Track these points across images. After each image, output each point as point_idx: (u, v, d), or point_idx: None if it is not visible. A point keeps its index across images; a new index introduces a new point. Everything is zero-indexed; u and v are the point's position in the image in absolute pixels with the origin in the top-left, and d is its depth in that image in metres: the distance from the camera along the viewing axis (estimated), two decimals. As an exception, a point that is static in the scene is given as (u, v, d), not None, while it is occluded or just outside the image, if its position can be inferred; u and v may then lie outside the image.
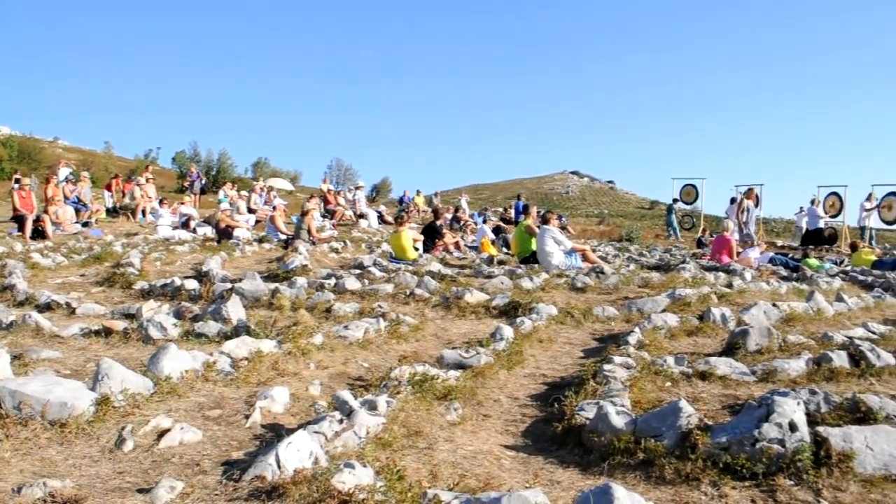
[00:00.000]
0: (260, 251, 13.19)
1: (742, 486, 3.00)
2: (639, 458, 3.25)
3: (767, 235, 30.04)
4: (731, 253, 13.77)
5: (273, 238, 15.02)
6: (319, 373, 4.72)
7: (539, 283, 8.59)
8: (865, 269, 13.82)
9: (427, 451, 3.39)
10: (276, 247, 13.79)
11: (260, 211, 20.70)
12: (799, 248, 21.30)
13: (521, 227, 12.22)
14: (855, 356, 5.12)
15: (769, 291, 8.85)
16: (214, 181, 34.99)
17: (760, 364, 4.96)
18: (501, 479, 3.09)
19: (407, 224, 13.07)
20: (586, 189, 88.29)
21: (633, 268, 11.22)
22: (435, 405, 4.01)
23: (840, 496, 2.90)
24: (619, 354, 5.12)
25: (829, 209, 23.96)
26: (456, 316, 7.07)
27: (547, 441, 3.76)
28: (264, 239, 15.07)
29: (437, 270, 9.77)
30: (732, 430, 3.23)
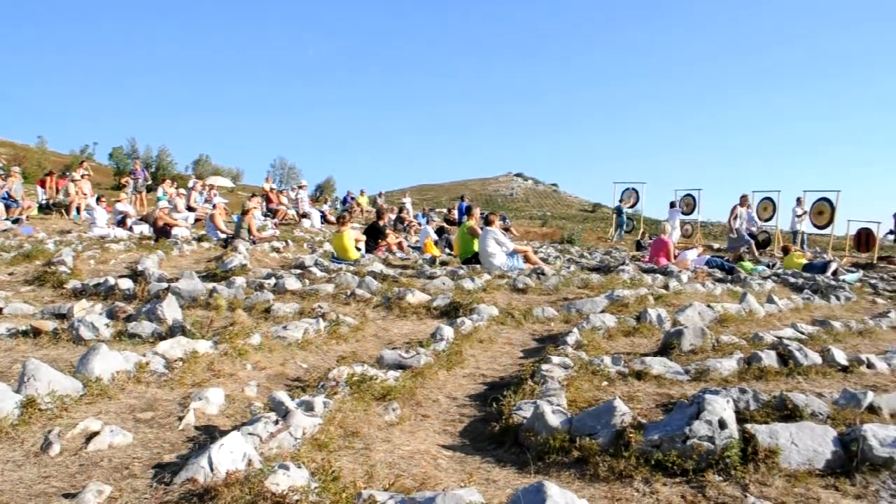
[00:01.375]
0: (199, 250, 12.94)
1: (673, 483, 3.07)
2: (574, 457, 3.30)
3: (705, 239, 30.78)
4: (669, 255, 14.06)
5: (213, 237, 14.75)
6: (256, 374, 4.65)
7: (481, 284, 8.63)
8: (796, 271, 14.27)
9: (364, 451, 3.37)
10: (215, 246, 13.56)
11: (199, 209, 20.30)
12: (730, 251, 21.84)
13: (464, 229, 12.25)
14: (784, 356, 5.29)
15: (704, 293, 9.06)
16: (153, 178, 34.24)
17: (694, 363, 5.08)
18: (438, 479, 3.09)
19: (349, 224, 12.98)
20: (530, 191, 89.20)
21: (573, 269, 11.35)
22: (373, 406, 4.00)
23: (766, 491, 2.99)
24: (557, 354, 5.18)
25: (762, 213, 24.65)
26: (397, 316, 7.06)
27: (485, 440, 3.78)
28: (203, 238, 14.79)
29: (379, 271, 9.73)
30: (664, 428, 3.30)
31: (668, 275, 10.81)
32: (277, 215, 21.71)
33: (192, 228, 17.44)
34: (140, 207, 22.61)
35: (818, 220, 22.92)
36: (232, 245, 12.54)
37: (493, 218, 11.47)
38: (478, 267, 10.84)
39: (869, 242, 20.72)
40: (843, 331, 6.98)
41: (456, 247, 13.11)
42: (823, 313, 8.53)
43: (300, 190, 24.98)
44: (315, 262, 10.62)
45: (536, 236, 26.90)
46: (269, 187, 24.51)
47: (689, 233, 27.95)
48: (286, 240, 15.09)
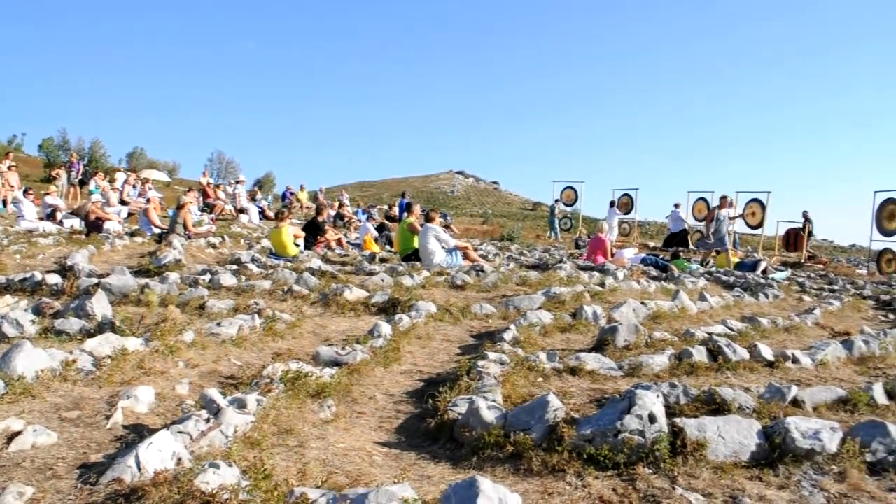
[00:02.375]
0: (132, 245, 12.61)
1: (604, 476, 3.12)
2: (508, 452, 3.32)
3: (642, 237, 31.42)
4: (606, 253, 14.29)
5: (146, 232, 14.41)
6: (189, 371, 4.56)
7: (420, 281, 8.63)
8: (729, 270, 14.70)
9: (298, 449, 3.34)
10: (149, 241, 13.25)
11: (133, 203, 19.79)
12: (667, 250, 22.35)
13: (404, 225, 12.24)
14: (713, 351, 5.43)
15: (639, 290, 9.24)
16: (85, 171, 33.22)
17: (627, 359, 5.18)
18: (372, 476, 3.08)
19: (288, 220, 12.84)
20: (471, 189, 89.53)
21: (512, 266, 11.45)
22: (308, 403, 3.96)
23: (694, 482, 3.06)
24: (493, 351, 5.22)
25: (697, 213, 25.26)
26: (335, 313, 7.00)
27: (420, 437, 3.78)
28: (137, 233, 14.43)
29: (318, 267, 9.64)
30: (597, 423, 3.35)
31: (604, 272, 10.98)
32: (214, 210, 21.32)
33: (126, 223, 17.00)
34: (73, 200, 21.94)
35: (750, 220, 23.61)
36: (166, 240, 12.26)
37: (433, 215, 11.49)
38: (418, 264, 10.84)
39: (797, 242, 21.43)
40: (770, 327, 7.20)
41: (396, 243, 13.09)
42: (753, 310, 8.79)
43: (238, 185, 24.59)
44: (252, 258, 10.47)
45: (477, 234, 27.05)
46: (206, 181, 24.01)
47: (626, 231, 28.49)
48: (223, 235, 14.82)
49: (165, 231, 13.72)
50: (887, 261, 18.94)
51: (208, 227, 15.80)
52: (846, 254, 37.62)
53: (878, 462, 3.34)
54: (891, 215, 19.05)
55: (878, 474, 3.29)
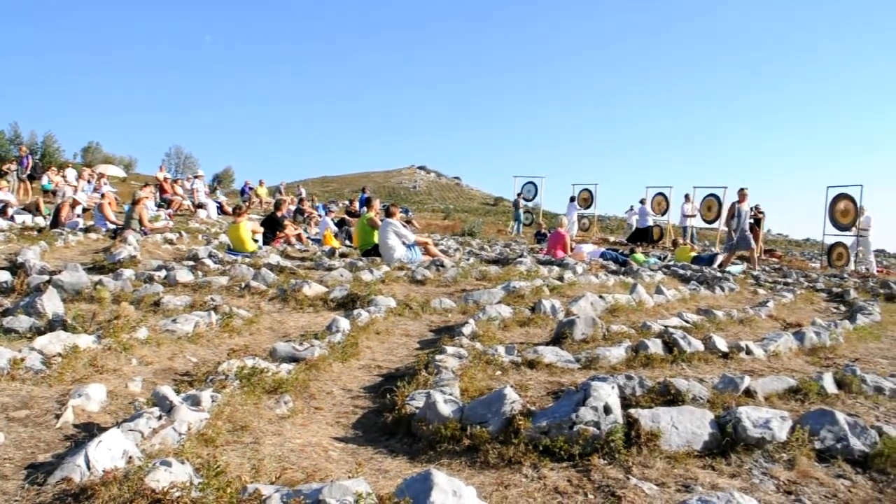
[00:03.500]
0: (86, 241, 12.35)
1: (560, 468, 3.14)
2: (465, 445, 3.33)
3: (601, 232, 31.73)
4: (566, 248, 14.42)
5: (101, 228, 14.13)
6: (142, 369, 4.48)
7: (379, 276, 8.60)
8: (686, 264, 14.90)
9: (253, 445, 3.30)
10: (103, 237, 13.00)
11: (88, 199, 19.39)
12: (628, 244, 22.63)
13: (364, 220, 12.18)
14: (669, 343, 5.50)
15: (597, 284, 9.33)
16: (34, 167, 32.40)
17: (585, 352, 5.22)
18: (328, 471, 3.06)
19: (246, 215, 12.70)
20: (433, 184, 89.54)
21: (472, 261, 11.48)
22: (264, 399, 3.93)
23: (647, 472, 3.10)
24: (452, 345, 5.22)
25: (655, 208, 25.62)
26: (293, 309, 6.94)
27: (378, 431, 3.77)
28: (91, 229, 14.15)
29: (276, 262, 9.56)
30: (553, 415, 3.37)
31: (564, 267, 11.06)
32: (172, 206, 21.00)
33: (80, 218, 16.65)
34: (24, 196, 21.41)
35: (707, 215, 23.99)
36: (121, 236, 12.05)
37: (393, 210, 11.47)
38: (377, 259, 10.81)
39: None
40: (725, 319, 7.32)
41: (356, 239, 13.04)
42: (708, 303, 8.94)
43: (196, 180, 24.28)
44: (209, 253, 10.34)
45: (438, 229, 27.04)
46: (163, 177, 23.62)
47: (586, 226, 28.75)
48: (180, 231, 14.60)
49: (120, 227, 13.47)
50: (838, 255, 19.38)
51: (165, 223, 15.56)
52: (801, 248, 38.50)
53: (826, 449, 3.42)
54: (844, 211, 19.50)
55: (827, 461, 3.37)
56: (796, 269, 17.54)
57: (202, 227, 17.59)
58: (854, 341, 6.92)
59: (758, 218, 21.67)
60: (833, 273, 16.91)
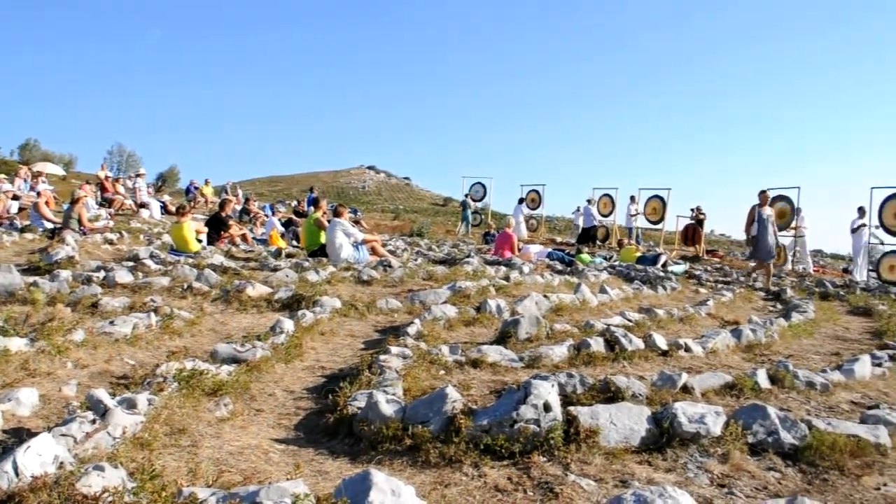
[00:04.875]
0: (21, 242, 11.98)
1: (500, 466, 3.17)
2: (406, 444, 3.33)
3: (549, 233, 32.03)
4: (513, 248, 14.51)
5: (38, 227, 13.74)
6: (78, 372, 4.37)
7: (325, 276, 8.55)
8: (630, 264, 15.13)
9: (191, 448, 3.25)
10: (40, 237, 12.63)
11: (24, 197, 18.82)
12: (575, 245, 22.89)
13: (311, 220, 12.09)
14: (611, 342, 5.59)
15: (543, 284, 9.42)
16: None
17: (528, 351, 5.27)
18: (267, 473, 3.03)
19: (190, 214, 12.47)
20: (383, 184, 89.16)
21: (420, 262, 11.48)
22: (203, 401, 3.87)
23: (586, 468, 3.15)
24: (397, 345, 5.22)
25: (602, 209, 25.98)
26: (237, 310, 6.85)
27: (320, 433, 3.74)
28: (28, 228, 13.75)
29: (220, 263, 9.41)
30: (493, 413, 3.40)
31: (510, 267, 11.14)
32: (113, 205, 20.50)
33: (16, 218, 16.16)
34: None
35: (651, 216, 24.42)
36: (59, 236, 11.72)
37: (341, 210, 11.40)
38: (324, 259, 10.74)
39: (696, 237, 22.26)
40: (665, 318, 7.47)
41: (303, 239, 12.93)
42: (651, 302, 9.10)
43: (139, 178, 23.73)
44: (151, 254, 10.13)
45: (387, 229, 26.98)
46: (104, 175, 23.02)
47: (534, 227, 28.99)
48: (121, 231, 14.28)
49: (59, 227, 13.12)
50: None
51: (105, 223, 15.19)
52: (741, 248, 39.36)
53: (758, 443, 3.52)
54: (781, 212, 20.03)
55: (759, 454, 3.47)
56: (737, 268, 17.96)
57: (144, 226, 17.23)
58: (789, 338, 7.12)
59: (700, 219, 22.15)
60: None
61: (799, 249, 19.54)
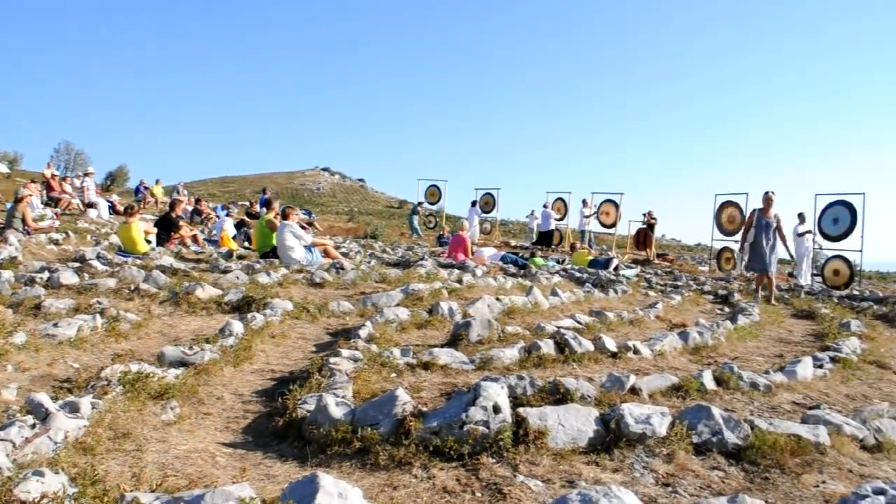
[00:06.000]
0: (-39, 242, 11.64)
1: (449, 467, 3.18)
2: (356, 447, 3.32)
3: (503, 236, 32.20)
4: (467, 251, 14.56)
5: (-21, 228, 13.36)
6: (18, 375, 4.26)
7: (277, 279, 8.47)
8: (583, 267, 15.30)
9: (135, 453, 3.19)
10: (-18, 237, 12.27)
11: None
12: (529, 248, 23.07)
13: (262, 222, 11.97)
14: (561, 344, 5.65)
15: (496, 287, 9.47)
16: None
17: (479, 353, 5.29)
18: (214, 477, 2.99)
19: (138, 215, 12.26)
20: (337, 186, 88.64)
21: (374, 264, 11.44)
22: (149, 405, 3.80)
23: (534, 469, 3.17)
24: (348, 348, 5.20)
25: (556, 212, 26.22)
26: (186, 312, 6.74)
27: (268, 436, 3.71)
28: (-32, 228, 13.35)
29: (169, 264, 9.26)
30: (443, 415, 3.41)
31: (463, 269, 11.18)
32: (60, 204, 20.03)
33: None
34: None
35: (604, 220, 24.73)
36: (2, 236, 11.42)
37: (290, 211, 11.31)
38: (276, 261, 10.64)
39: (647, 241, 22.61)
40: (615, 321, 7.57)
41: (254, 240, 12.79)
42: (601, 305, 9.21)
43: (86, 177, 23.20)
44: (97, 255, 9.92)
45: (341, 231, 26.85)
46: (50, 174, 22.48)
47: (488, 230, 29.12)
48: (67, 231, 13.96)
49: (1, 226, 12.77)
50: (726, 259, 20.32)
51: (51, 223, 14.85)
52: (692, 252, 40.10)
53: (703, 443, 3.59)
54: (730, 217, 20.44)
55: (703, 454, 3.54)
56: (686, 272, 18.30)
57: (92, 227, 16.86)
58: (734, 340, 7.28)
59: (651, 224, 22.51)
60: (720, 276, 17.73)
61: (746, 254, 19.96)
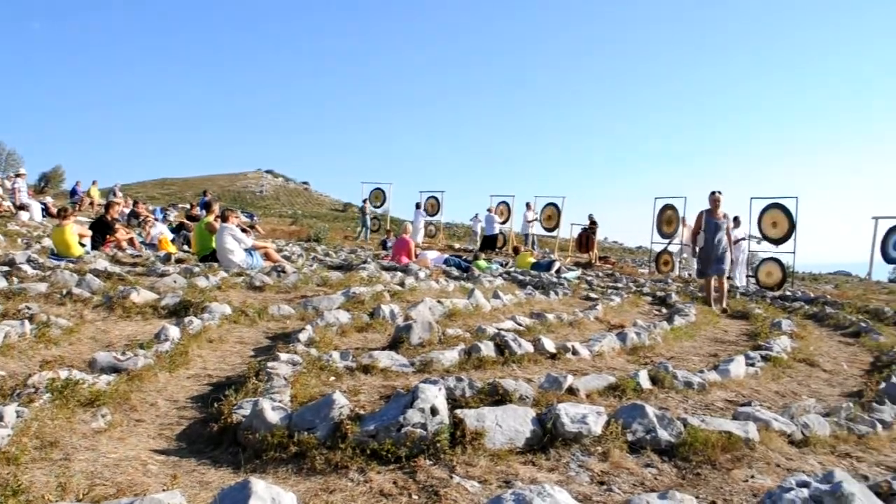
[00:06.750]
0: None
1: (387, 470, 3.17)
2: (292, 452, 3.28)
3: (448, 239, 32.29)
4: (410, 254, 14.57)
5: None
6: (-60, 384, 4.10)
7: (216, 282, 8.33)
8: (525, 270, 15.45)
9: (63, 462, 3.10)
10: None
11: None
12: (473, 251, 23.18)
13: (202, 225, 11.77)
14: (501, 346, 5.69)
15: (438, 289, 9.49)
16: None
17: (420, 356, 5.30)
18: (144, 485, 2.93)
19: (73, 217, 11.93)
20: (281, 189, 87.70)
21: (315, 267, 11.36)
22: (79, 413, 3.70)
23: (471, 470, 3.18)
24: (286, 352, 5.14)
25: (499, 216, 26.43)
26: (120, 317, 6.58)
27: (203, 442, 3.64)
28: None
29: (104, 268, 9.02)
30: (381, 418, 3.40)
31: (406, 272, 11.17)
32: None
33: None
34: None
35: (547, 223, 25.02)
36: (-74, 240, 10.98)
37: (230, 214, 11.15)
38: (216, 265, 10.47)
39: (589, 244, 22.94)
40: (555, 322, 7.66)
41: (194, 244, 12.57)
42: (542, 307, 9.31)
43: (18, 178, 22.48)
44: (28, 258, 9.60)
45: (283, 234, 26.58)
46: (-22, 176, 21.74)
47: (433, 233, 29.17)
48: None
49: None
50: (664, 262, 20.76)
51: (-21, 226, 14.34)
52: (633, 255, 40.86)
53: (637, 441, 3.65)
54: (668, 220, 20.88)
55: (637, 452, 3.60)
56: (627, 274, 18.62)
57: (23, 230, 16.32)
58: (671, 341, 7.44)
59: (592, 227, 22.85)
60: (659, 278, 18.10)
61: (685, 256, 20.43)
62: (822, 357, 7.19)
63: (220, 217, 11.21)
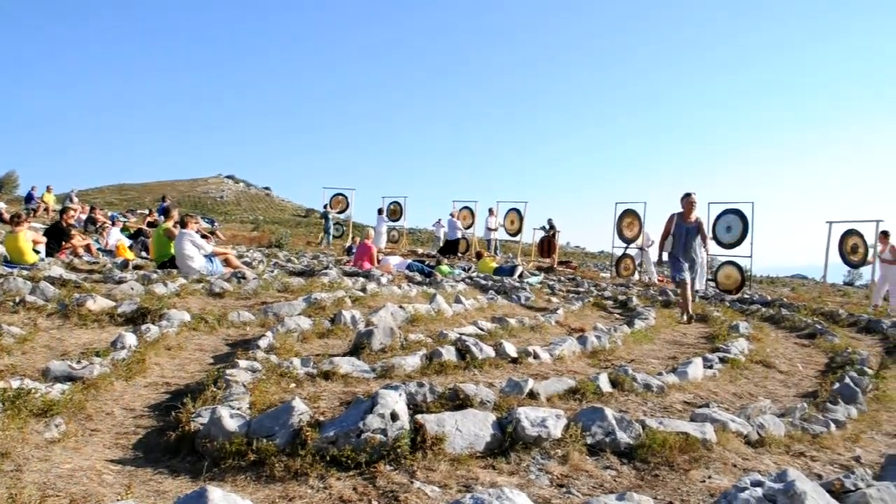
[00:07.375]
0: None
1: (347, 476, 3.16)
2: (251, 459, 3.26)
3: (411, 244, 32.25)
4: (373, 260, 14.53)
5: None
6: None
7: (174, 289, 8.22)
8: (488, 274, 15.48)
9: (14, 473, 3.03)
10: None
11: None
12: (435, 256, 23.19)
13: (160, 231, 11.61)
14: (462, 351, 5.70)
15: (400, 295, 9.48)
16: None
17: (381, 362, 5.28)
18: (99, 496, 2.88)
19: (27, 223, 11.67)
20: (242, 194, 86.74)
21: (277, 273, 11.27)
22: (31, 423, 3.62)
23: (431, 475, 3.19)
24: (246, 359, 5.09)
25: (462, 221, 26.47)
26: (76, 325, 6.46)
27: (160, 452, 3.59)
28: None
29: (59, 275, 8.85)
30: (340, 424, 3.39)
31: (368, 278, 11.14)
32: (-61, 214, 18.87)
33: None
34: None
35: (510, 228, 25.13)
36: None
37: (188, 220, 11.02)
38: (174, 271, 10.33)
39: (551, 248, 23.07)
40: (517, 326, 7.70)
41: (152, 250, 12.39)
42: (504, 312, 9.34)
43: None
44: (-20, 266, 9.39)
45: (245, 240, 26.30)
46: (-72, 181, 21.19)
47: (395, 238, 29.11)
48: (-53, 242, 13.15)
49: None
50: (625, 266, 20.98)
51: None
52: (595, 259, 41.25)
53: (596, 444, 3.69)
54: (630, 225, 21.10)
55: (597, 454, 3.64)
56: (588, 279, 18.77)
57: (-25, 237, 15.94)
58: (631, 344, 7.52)
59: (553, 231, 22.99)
60: (620, 282, 18.29)
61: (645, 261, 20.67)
62: (779, 359, 7.33)
63: (180, 223, 11.06)
